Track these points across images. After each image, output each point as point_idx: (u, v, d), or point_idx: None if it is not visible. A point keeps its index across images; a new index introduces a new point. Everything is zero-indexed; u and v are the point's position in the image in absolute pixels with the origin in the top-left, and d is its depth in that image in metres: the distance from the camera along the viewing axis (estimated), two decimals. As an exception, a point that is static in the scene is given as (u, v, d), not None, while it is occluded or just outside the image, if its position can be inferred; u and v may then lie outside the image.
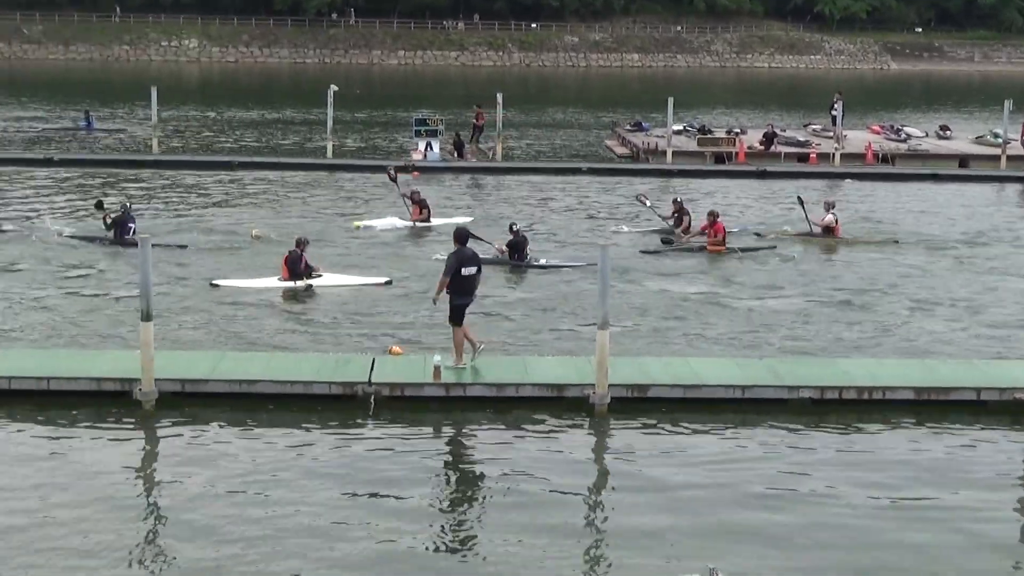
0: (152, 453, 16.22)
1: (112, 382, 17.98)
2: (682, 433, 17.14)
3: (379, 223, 32.44)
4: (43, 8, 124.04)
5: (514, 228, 28.08)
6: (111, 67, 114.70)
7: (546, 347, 21.12)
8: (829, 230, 31.41)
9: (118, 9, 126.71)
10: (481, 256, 19.99)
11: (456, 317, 18.96)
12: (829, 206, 32.06)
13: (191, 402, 17.68)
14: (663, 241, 30.42)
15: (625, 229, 32.56)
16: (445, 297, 18.92)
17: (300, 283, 25.10)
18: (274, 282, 25.27)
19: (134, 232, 28.75)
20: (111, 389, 17.90)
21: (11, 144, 51.73)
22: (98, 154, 47.93)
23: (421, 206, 32.74)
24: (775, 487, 15.18)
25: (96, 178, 40.69)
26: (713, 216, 29.86)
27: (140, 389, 17.52)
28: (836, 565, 13.21)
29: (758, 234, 31.88)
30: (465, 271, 18.82)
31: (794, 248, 30.25)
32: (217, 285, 25.16)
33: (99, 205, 31.22)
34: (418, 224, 32.29)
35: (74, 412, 17.26)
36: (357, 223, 32.26)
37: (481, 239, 24.98)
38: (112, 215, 29.48)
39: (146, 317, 17.39)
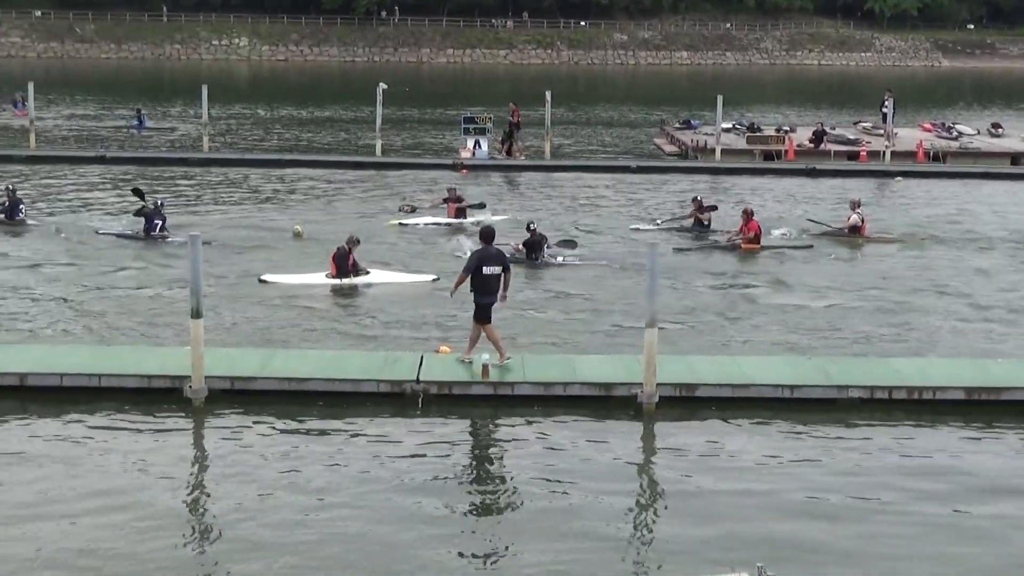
0: (202, 450, 16.31)
1: (162, 379, 18.10)
2: (731, 433, 17.06)
3: (416, 221, 32.47)
4: (96, 8, 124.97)
5: (531, 227, 28.05)
6: (162, 66, 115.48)
7: (593, 345, 21.09)
8: (855, 230, 31.20)
9: (165, 8, 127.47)
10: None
11: (481, 316, 19.00)
12: (855, 205, 31.82)
13: (241, 400, 17.77)
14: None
15: (643, 227, 32.45)
16: (470, 295, 19.02)
17: (347, 281, 25.19)
18: (322, 278, 25.39)
19: (160, 228, 29.23)
20: (161, 386, 18.02)
21: (65, 142, 52.24)
22: (149, 152, 48.34)
23: (458, 208, 32.77)
24: (825, 491, 15.04)
25: (146, 175, 40.93)
26: (748, 214, 29.74)
27: (190, 386, 17.62)
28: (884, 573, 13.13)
29: (784, 234, 31.58)
30: (487, 270, 18.83)
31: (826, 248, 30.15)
32: (265, 281, 25.32)
33: (138, 192, 31.73)
34: (454, 222, 32.30)
35: (125, 409, 17.38)
36: (391, 222, 32.29)
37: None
38: (145, 210, 29.84)
39: (196, 314, 17.51)
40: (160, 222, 29.46)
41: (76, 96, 76.36)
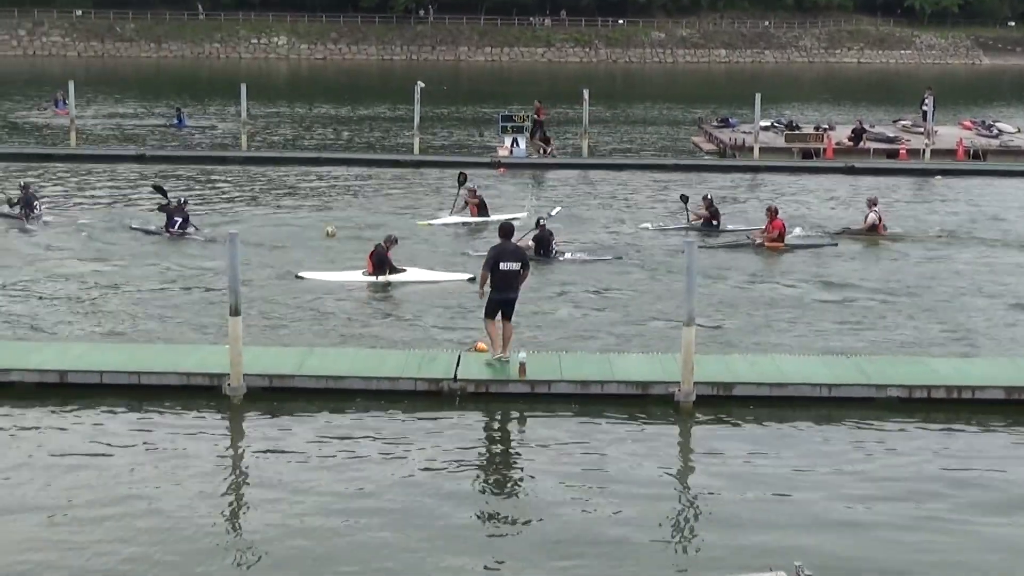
0: (240, 448, 16.38)
1: (201, 377, 18.20)
2: (768, 433, 17.00)
3: (445, 221, 32.42)
4: (136, 7, 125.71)
5: (541, 222, 28.11)
6: (202, 65, 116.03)
7: (630, 343, 21.07)
8: (873, 228, 31.12)
9: (201, 7, 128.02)
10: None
11: (488, 311, 19.05)
12: (872, 203, 31.76)
13: (279, 397, 17.85)
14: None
15: (650, 226, 32.46)
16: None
17: (383, 278, 25.30)
18: (358, 276, 25.50)
19: (180, 226, 29.68)
20: (200, 384, 18.12)
21: (105, 140, 52.59)
22: (188, 151, 48.57)
23: (479, 206, 32.66)
24: (864, 494, 14.95)
25: (185, 174, 41.19)
26: (772, 212, 29.64)
27: (229, 384, 17.72)
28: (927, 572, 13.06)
29: (802, 233, 31.26)
30: (503, 266, 18.86)
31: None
32: (302, 277, 25.46)
33: (159, 189, 32.43)
34: (479, 221, 32.18)
35: (164, 406, 17.47)
36: (422, 222, 32.22)
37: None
38: (169, 207, 30.33)
39: (235, 312, 17.60)
40: (179, 219, 29.73)
41: (116, 95, 76.84)
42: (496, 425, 17.29)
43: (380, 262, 25.42)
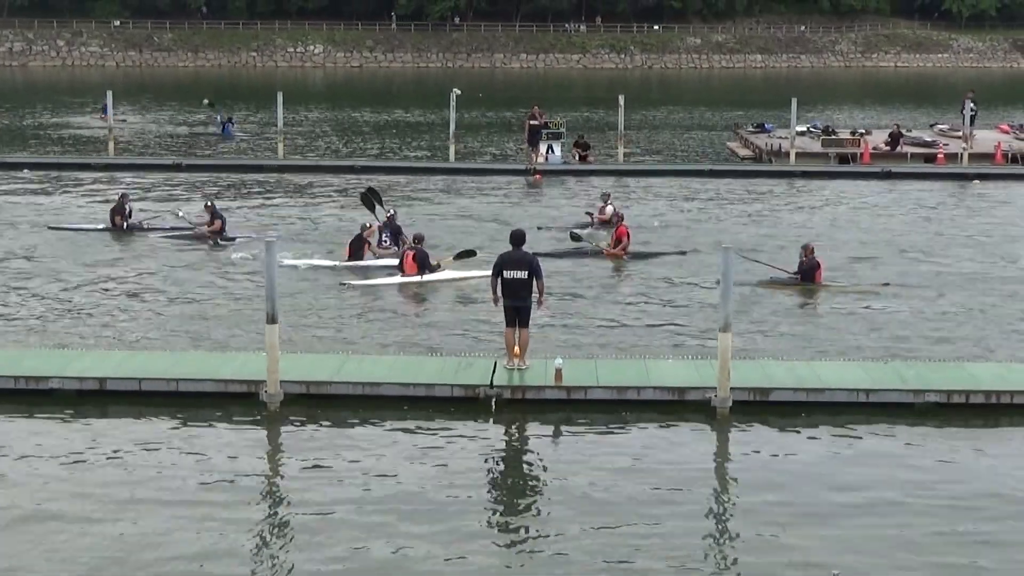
0: (277, 455, 16.45)
1: (239, 384, 18.29)
2: (806, 439, 16.95)
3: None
4: (173, 17, 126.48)
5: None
6: (239, 73, 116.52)
7: (664, 348, 21.06)
8: (606, 222, 31.27)
9: (204, 10, 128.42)
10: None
11: (506, 319, 19.05)
12: (606, 197, 32.21)
13: (316, 404, 17.92)
14: (572, 237, 29.45)
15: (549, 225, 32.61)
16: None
17: (426, 277, 25.74)
18: (397, 278, 25.93)
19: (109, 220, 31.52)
20: (237, 391, 18.21)
21: (146, 149, 52.86)
22: (224, 159, 48.73)
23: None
24: (901, 497, 14.90)
25: (222, 182, 41.42)
26: (618, 218, 29.39)
27: (266, 391, 17.79)
28: None
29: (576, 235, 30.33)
30: (507, 274, 18.84)
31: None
32: (346, 284, 25.69)
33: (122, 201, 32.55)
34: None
35: (202, 413, 17.56)
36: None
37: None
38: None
39: (271, 320, 17.65)
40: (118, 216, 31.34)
41: (158, 105, 77.09)
42: (532, 431, 17.29)
43: (422, 262, 25.89)
